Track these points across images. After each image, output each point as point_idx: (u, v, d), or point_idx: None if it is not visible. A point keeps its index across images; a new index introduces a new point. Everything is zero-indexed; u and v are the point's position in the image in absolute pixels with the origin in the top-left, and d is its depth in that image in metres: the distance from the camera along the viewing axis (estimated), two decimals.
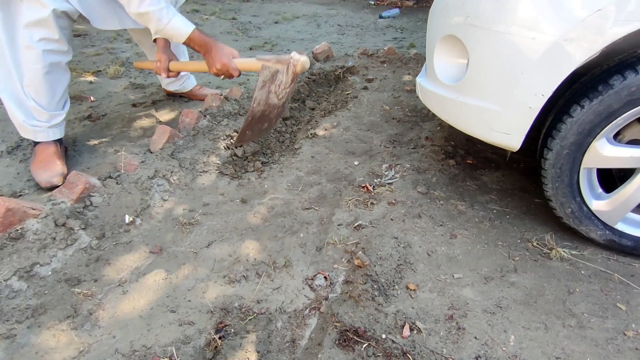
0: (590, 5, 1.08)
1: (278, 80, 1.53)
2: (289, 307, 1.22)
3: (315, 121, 2.36)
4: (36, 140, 1.74)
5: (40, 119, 1.70)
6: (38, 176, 1.65)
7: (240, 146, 1.75)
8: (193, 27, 1.63)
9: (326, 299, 1.24)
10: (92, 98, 2.43)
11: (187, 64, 1.87)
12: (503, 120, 1.32)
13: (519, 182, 1.79)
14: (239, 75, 1.69)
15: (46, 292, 1.23)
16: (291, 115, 2.37)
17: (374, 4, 5.42)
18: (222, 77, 1.70)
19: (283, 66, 1.51)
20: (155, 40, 1.87)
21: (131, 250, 1.40)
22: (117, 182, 1.57)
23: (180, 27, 1.62)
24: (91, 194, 1.49)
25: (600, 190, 1.37)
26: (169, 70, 1.84)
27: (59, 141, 1.79)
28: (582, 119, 1.24)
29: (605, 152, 1.26)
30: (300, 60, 1.50)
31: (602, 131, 1.23)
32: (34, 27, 1.52)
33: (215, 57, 1.65)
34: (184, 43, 1.66)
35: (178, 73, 1.89)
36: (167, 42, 1.87)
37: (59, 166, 1.69)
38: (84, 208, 1.46)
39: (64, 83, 1.73)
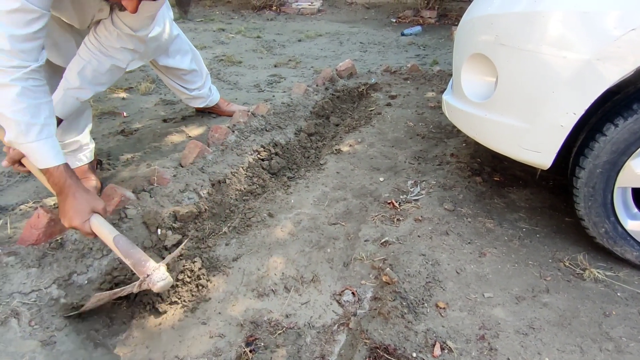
0: (624, 24, 1.08)
1: (126, 291, 1.19)
2: (318, 322, 1.23)
3: (340, 137, 2.39)
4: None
5: None
6: None
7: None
8: (58, 163, 1.21)
9: (355, 315, 1.24)
10: (124, 114, 2.53)
11: (38, 173, 1.34)
12: (533, 138, 1.31)
13: (549, 200, 1.76)
14: (93, 237, 1.28)
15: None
16: (316, 132, 2.40)
17: (396, 21, 5.48)
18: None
19: (140, 275, 1.16)
20: None
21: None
22: (150, 195, 1.62)
23: (40, 155, 1.20)
24: (126, 206, 1.54)
25: (635, 210, 1.34)
26: (19, 164, 1.36)
27: None
28: (616, 138, 1.22)
29: None
30: (158, 284, 1.12)
31: (638, 150, 1.21)
32: None
33: (68, 211, 1.21)
34: (41, 171, 1.25)
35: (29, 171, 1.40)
36: None
37: (92, 181, 1.76)
38: (119, 220, 1.51)
39: (79, 114, 1.66)
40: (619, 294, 1.29)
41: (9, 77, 1.09)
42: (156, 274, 1.14)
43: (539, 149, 1.31)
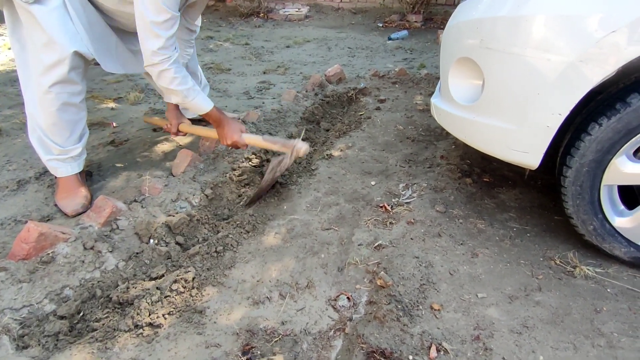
0: (604, 26, 1.11)
1: (283, 163, 1.74)
2: (314, 328, 1.23)
3: (331, 142, 2.40)
4: (57, 175, 1.79)
5: (55, 154, 1.73)
6: (64, 207, 1.70)
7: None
8: (212, 105, 1.75)
9: (350, 319, 1.24)
10: (114, 124, 2.51)
11: (197, 129, 2.00)
12: (521, 139, 1.33)
13: (538, 199, 1.79)
14: (245, 148, 1.89)
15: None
16: (306, 137, 2.41)
17: (382, 26, 5.53)
18: (231, 147, 1.89)
19: (287, 150, 1.73)
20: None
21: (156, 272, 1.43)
22: (142, 206, 1.61)
23: (201, 105, 1.73)
24: (117, 217, 1.53)
25: (622, 207, 1.37)
26: (179, 131, 1.99)
27: None
28: (600, 137, 1.25)
29: (625, 169, 1.27)
30: (303, 148, 1.72)
31: (622, 148, 1.24)
32: (49, 71, 1.54)
33: (227, 134, 1.78)
34: (200, 115, 1.79)
35: (186, 133, 2.06)
36: (177, 105, 1.99)
37: (82, 192, 1.75)
38: (110, 231, 1.50)
39: (81, 121, 1.75)
40: (609, 290, 1.31)
41: (166, 64, 1.56)
42: (300, 142, 1.72)
43: (527, 150, 1.33)
